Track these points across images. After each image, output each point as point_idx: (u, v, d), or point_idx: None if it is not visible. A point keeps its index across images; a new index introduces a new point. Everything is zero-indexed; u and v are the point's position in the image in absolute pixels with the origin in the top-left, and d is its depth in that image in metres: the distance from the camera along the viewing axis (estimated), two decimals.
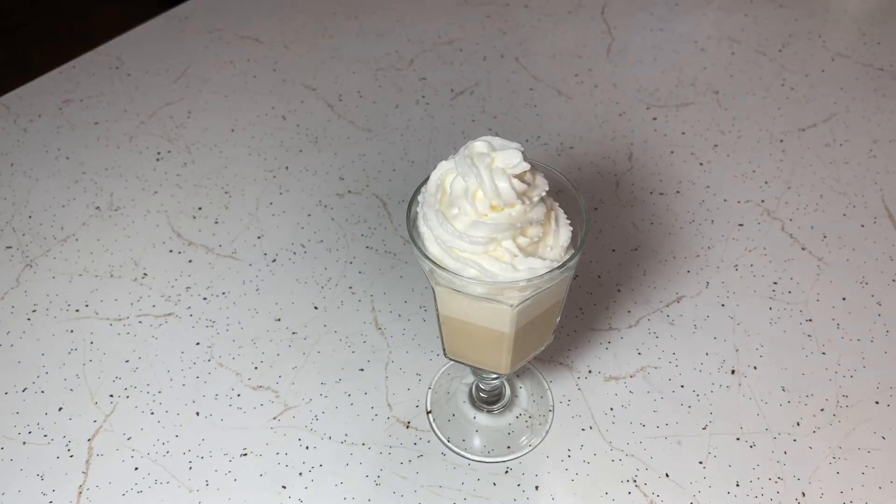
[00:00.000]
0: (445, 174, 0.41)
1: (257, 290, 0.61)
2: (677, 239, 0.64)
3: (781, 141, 0.73)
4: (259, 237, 0.65)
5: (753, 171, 0.70)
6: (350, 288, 0.61)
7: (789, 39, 0.85)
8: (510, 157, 0.39)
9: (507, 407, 0.55)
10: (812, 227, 0.65)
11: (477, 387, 0.55)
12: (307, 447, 0.52)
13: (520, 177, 0.40)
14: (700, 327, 0.58)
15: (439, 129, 0.75)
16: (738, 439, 0.52)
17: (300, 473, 0.51)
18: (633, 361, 0.56)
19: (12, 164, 0.72)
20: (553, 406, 0.54)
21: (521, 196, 0.40)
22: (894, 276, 0.62)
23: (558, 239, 0.42)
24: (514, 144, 0.40)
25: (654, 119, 0.75)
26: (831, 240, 0.64)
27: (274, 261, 0.64)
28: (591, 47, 0.84)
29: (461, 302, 0.43)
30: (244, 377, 0.56)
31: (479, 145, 0.40)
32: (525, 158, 0.40)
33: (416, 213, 0.43)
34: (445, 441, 0.52)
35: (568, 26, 0.87)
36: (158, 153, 0.73)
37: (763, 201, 0.67)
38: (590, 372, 0.56)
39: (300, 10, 0.90)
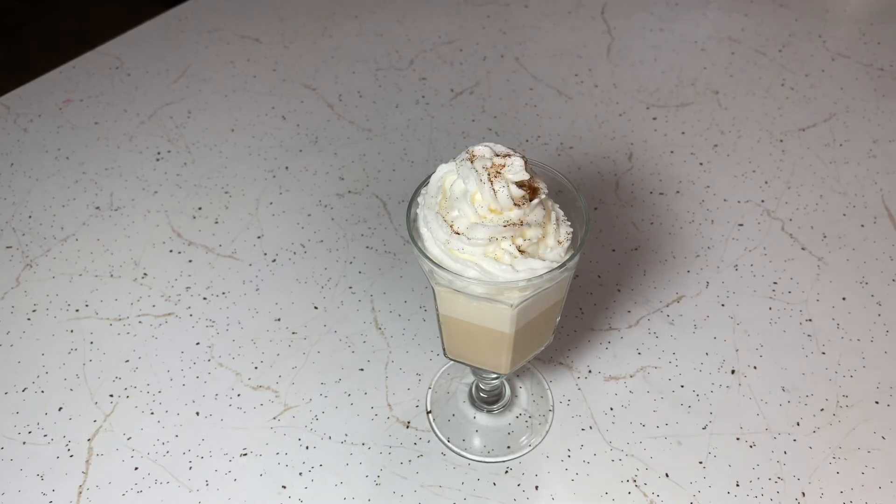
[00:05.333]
0: (445, 176, 0.41)
1: (257, 290, 0.61)
2: (677, 239, 0.64)
3: (781, 141, 0.73)
4: (259, 237, 0.65)
5: (753, 171, 0.70)
6: (350, 288, 0.61)
7: (789, 39, 0.85)
8: (511, 165, 0.40)
9: (507, 407, 0.55)
10: (812, 227, 0.65)
11: (477, 387, 0.55)
12: (307, 447, 0.52)
13: (519, 183, 0.40)
14: (700, 327, 0.58)
15: (439, 129, 0.75)
16: (738, 439, 0.52)
17: (300, 473, 0.51)
18: (633, 361, 0.56)
19: (12, 164, 0.72)
20: (553, 406, 0.54)
21: (519, 201, 0.40)
22: (894, 276, 0.62)
23: (558, 239, 0.42)
24: (517, 153, 0.41)
25: (654, 119, 0.75)
26: (831, 240, 0.64)
27: (274, 261, 0.64)
28: (591, 47, 0.84)
29: (461, 302, 0.43)
30: (244, 377, 0.56)
31: (481, 150, 0.40)
32: (526, 167, 0.40)
33: (416, 213, 0.43)
34: (445, 441, 0.52)
35: (568, 26, 0.87)
36: (158, 153, 0.73)
37: (763, 201, 0.67)
38: (590, 372, 0.56)
39: (300, 10, 0.90)
